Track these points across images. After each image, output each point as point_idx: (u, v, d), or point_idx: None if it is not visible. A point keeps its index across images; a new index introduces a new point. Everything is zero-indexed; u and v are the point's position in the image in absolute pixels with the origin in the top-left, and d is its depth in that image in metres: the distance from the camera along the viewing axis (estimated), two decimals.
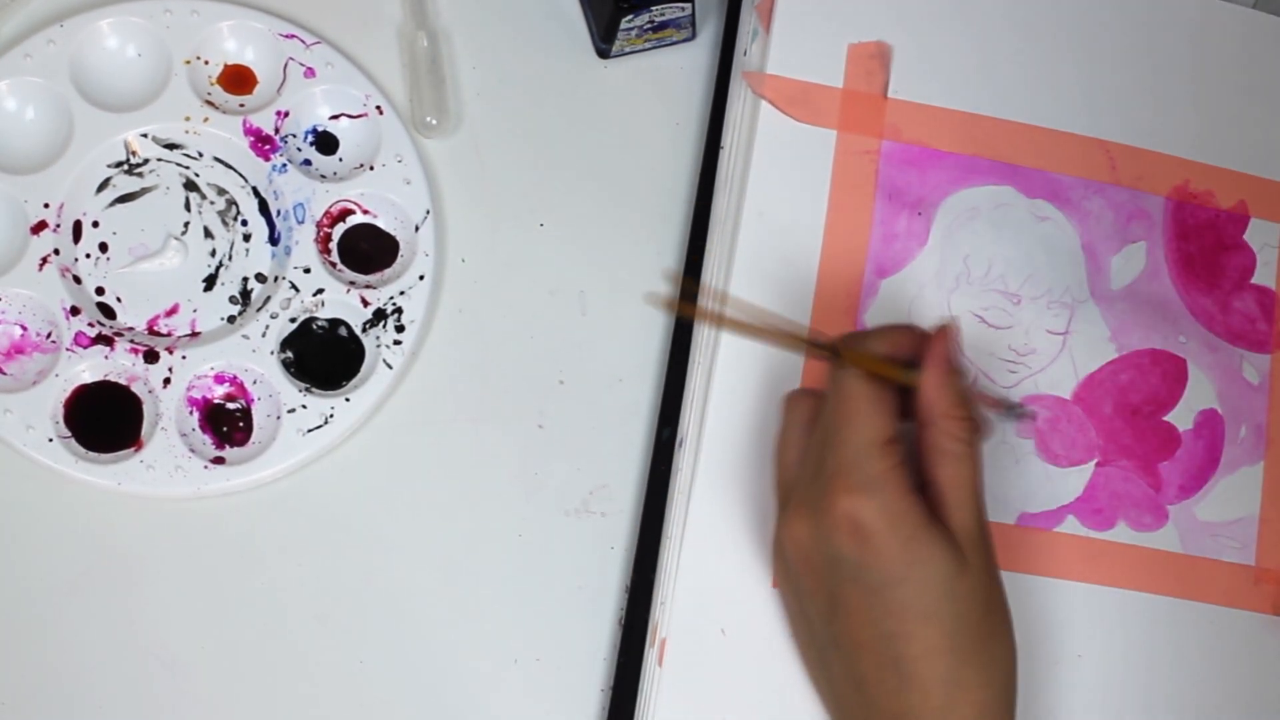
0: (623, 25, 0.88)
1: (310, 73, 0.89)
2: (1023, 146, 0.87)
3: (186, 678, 0.84)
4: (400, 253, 0.89)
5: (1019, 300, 0.85)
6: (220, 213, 0.88)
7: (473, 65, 0.92)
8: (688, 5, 0.88)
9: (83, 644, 0.83)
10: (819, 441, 0.73)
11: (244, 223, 0.88)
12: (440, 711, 0.85)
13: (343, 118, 0.90)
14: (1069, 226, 0.86)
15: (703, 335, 0.86)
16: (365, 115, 0.89)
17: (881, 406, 0.72)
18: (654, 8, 0.87)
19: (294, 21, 0.90)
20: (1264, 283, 0.87)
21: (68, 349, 0.84)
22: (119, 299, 0.87)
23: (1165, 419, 0.86)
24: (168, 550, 0.85)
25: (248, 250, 0.88)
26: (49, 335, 0.85)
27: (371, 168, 0.89)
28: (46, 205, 0.86)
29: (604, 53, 0.92)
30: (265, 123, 0.88)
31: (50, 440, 0.83)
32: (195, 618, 0.84)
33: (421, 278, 0.87)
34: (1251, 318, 0.87)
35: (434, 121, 0.90)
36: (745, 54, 0.89)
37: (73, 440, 0.84)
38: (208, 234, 0.88)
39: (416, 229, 0.88)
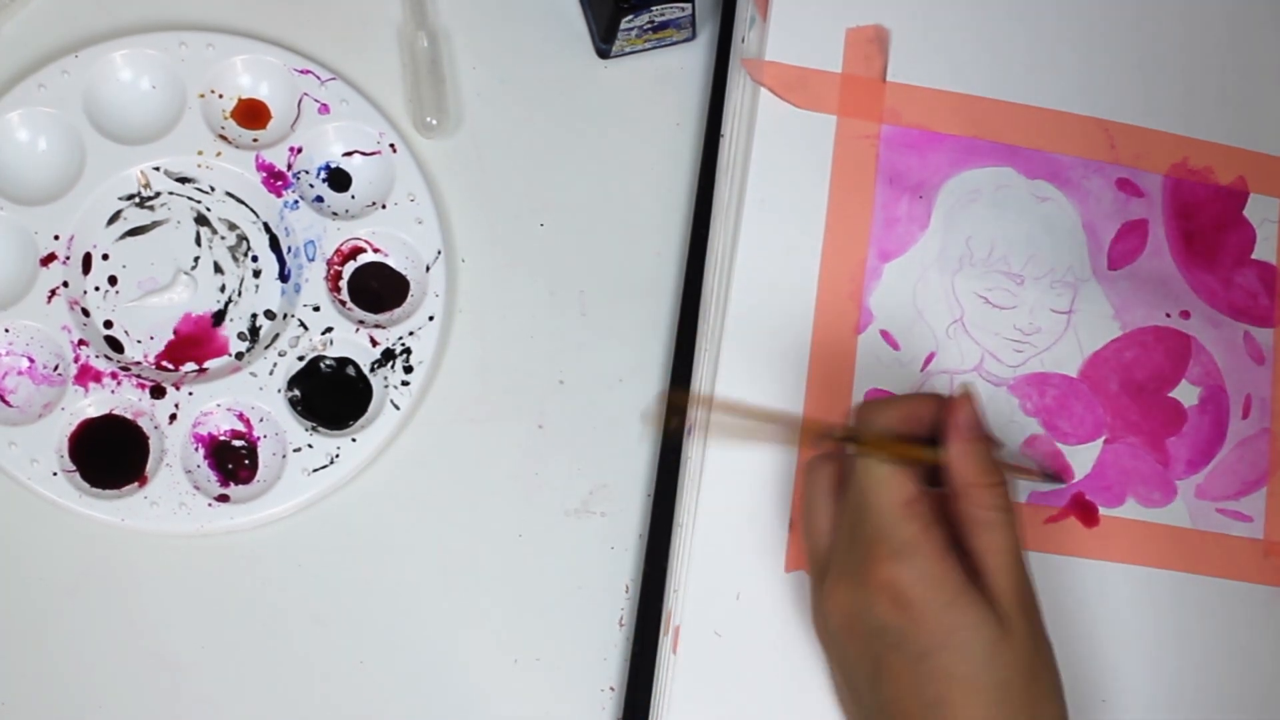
0: (623, 25, 0.89)
1: (324, 109, 0.90)
2: (1022, 127, 0.87)
3: (189, 685, 0.83)
4: (410, 293, 0.88)
5: (1022, 280, 0.85)
6: (231, 248, 0.88)
7: (473, 65, 0.93)
8: (688, 5, 0.89)
9: (86, 662, 0.83)
10: (852, 508, 0.72)
11: (254, 259, 0.88)
12: (441, 711, 0.84)
13: (356, 155, 0.90)
14: (1069, 206, 0.86)
15: (706, 330, 0.85)
16: (379, 153, 0.90)
17: (900, 473, 0.71)
18: (654, 8, 0.88)
19: (309, 57, 0.90)
20: (1264, 258, 0.87)
21: (74, 382, 0.84)
22: (127, 332, 0.87)
23: (1171, 395, 0.85)
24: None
25: (257, 286, 0.88)
26: (56, 368, 0.85)
27: (384, 206, 0.89)
28: (56, 237, 0.86)
29: (604, 53, 0.93)
30: (278, 158, 0.89)
31: (55, 474, 0.83)
32: (198, 634, 0.84)
33: (431, 318, 0.87)
34: (1253, 293, 0.87)
35: (434, 122, 0.90)
36: (743, 41, 0.89)
37: (77, 475, 0.84)
38: (218, 269, 0.88)
39: (427, 269, 0.88)
